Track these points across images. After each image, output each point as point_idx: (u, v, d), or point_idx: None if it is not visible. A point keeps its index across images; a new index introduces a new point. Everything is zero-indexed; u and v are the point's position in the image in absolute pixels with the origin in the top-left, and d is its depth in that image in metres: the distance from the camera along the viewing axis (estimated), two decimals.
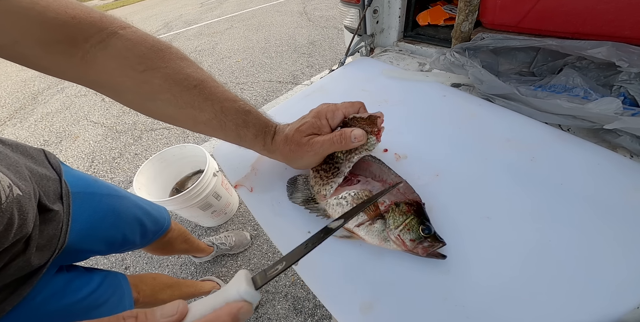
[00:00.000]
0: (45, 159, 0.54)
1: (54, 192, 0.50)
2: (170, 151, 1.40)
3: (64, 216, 0.50)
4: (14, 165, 0.44)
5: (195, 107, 0.36)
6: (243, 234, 1.40)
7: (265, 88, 2.58)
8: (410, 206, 0.38)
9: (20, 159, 0.48)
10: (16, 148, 0.50)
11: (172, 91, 0.35)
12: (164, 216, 0.82)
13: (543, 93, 0.52)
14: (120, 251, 0.67)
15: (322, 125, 0.40)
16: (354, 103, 0.41)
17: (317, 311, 1.13)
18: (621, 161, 0.43)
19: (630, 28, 0.50)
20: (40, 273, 0.45)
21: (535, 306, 0.32)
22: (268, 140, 0.41)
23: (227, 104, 0.38)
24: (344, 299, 0.36)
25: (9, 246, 0.38)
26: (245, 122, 0.39)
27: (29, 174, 0.46)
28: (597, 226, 0.37)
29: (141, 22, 5.98)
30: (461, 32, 0.68)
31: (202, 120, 0.38)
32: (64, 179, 0.53)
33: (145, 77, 0.34)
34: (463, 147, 0.49)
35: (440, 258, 0.35)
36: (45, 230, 0.45)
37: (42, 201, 0.45)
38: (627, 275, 0.32)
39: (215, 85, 0.38)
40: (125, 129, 2.42)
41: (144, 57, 0.34)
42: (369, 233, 0.38)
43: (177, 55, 0.37)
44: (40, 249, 0.44)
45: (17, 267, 0.41)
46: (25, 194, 0.41)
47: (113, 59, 0.33)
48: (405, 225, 0.36)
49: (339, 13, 0.95)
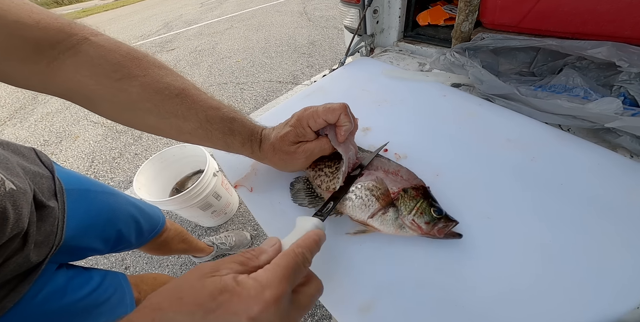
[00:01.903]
0: (37, 157, 0.54)
1: (48, 189, 0.49)
2: (170, 151, 1.40)
3: (60, 212, 0.49)
4: (4, 162, 0.43)
5: (178, 116, 0.35)
6: (243, 234, 1.40)
7: (265, 88, 2.58)
8: (417, 190, 0.39)
9: (12, 157, 0.47)
10: (7, 146, 0.49)
11: (152, 100, 0.34)
12: (158, 214, 0.82)
13: (543, 93, 0.52)
14: (117, 249, 0.67)
15: (305, 133, 0.40)
16: (335, 109, 0.39)
17: (317, 311, 1.13)
18: (621, 160, 0.43)
19: (630, 28, 0.50)
20: (39, 270, 0.45)
21: (535, 306, 0.32)
22: (255, 147, 0.41)
23: (212, 112, 0.37)
24: (344, 299, 0.36)
25: (7, 241, 0.38)
26: (232, 130, 0.38)
27: (21, 171, 0.45)
28: (597, 225, 0.37)
29: (141, 22, 5.99)
30: (461, 32, 0.68)
31: (187, 130, 0.37)
32: (57, 176, 0.53)
33: (122, 86, 0.33)
34: (463, 147, 0.49)
35: (457, 237, 0.36)
36: (42, 226, 0.45)
37: (38, 197, 0.45)
38: (627, 275, 0.33)
39: (198, 93, 0.37)
40: (125, 129, 2.42)
41: (119, 65, 0.33)
42: (384, 223, 0.38)
43: (154, 63, 0.36)
44: (38, 245, 0.44)
45: (17, 264, 0.41)
46: (19, 190, 0.40)
47: (84, 66, 0.32)
48: (417, 209, 0.37)
49: (339, 13, 0.95)
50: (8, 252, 0.40)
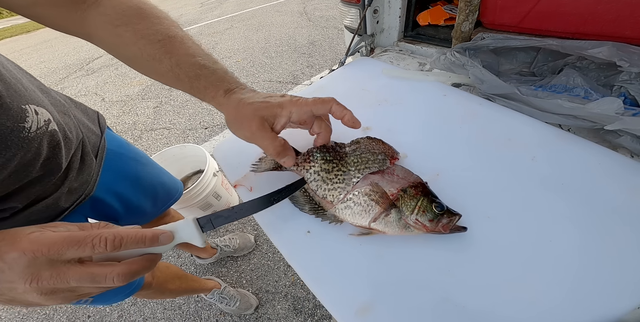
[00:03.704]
0: (97, 119, 0.63)
1: (94, 145, 0.57)
2: (170, 151, 1.40)
3: (96, 166, 0.56)
4: (65, 111, 0.51)
5: (155, 59, 0.40)
6: (247, 236, 1.39)
7: (266, 88, 2.58)
8: (416, 188, 0.39)
9: (76, 112, 0.56)
10: (78, 105, 0.60)
11: (138, 44, 0.39)
12: (176, 187, 0.85)
13: (544, 93, 0.52)
14: (132, 215, 0.71)
15: (281, 115, 0.39)
16: (326, 100, 0.39)
17: (317, 311, 1.13)
18: (622, 160, 0.43)
19: (630, 28, 0.50)
20: (62, 216, 0.50)
21: (535, 306, 0.32)
22: (220, 93, 0.41)
23: (185, 59, 0.40)
24: (344, 300, 0.36)
25: (41, 177, 0.43)
26: (198, 75, 0.40)
27: (77, 123, 0.53)
28: (597, 225, 0.37)
29: None
30: (461, 32, 0.68)
31: (160, 72, 0.41)
32: (105, 137, 0.62)
33: (118, 31, 0.39)
34: (464, 147, 0.49)
35: (462, 231, 0.36)
36: (81, 174, 0.52)
37: (85, 149, 0.53)
38: (627, 275, 0.32)
39: (182, 41, 0.41)
40: (125, 129, 2.42)
41: (122, 14, 0.40)
42: (388, 225, 0.38)
43: (155, 14, 0.42)
44: (70, 192, 0.50)
45: (46, 205, 0.46)
46: (62, 132, 0.46)
47: (99, 15, 0.40)
48: (419, 207, 0.37)
49: (339, 13, 0.95)
50: (42, 192, 0.44)
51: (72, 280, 0.27)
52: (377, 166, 0.42)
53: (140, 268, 0.30)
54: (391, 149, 0.44)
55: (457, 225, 0.36)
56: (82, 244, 0.28)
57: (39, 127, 0.41)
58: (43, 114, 0.42)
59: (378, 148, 0.44)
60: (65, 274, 0.27)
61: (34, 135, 0.40)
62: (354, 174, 0.42)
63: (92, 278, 0.28)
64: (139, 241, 0.30)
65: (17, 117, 0.38)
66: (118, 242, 0.29)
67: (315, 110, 0.39)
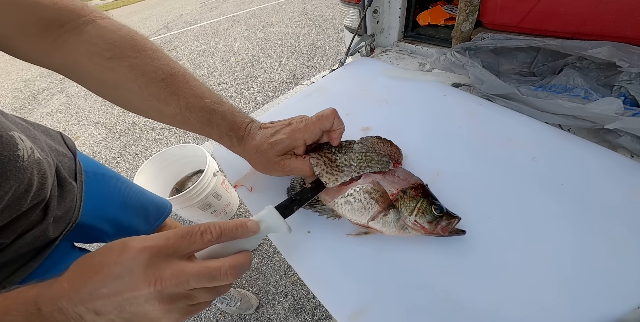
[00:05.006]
0: (62, 140, 0.57)
1: (69, 169, 0.52)
2: (170, 151, 1.40)
3: (78, 191, 0.52)
4: (33, 137, 0.46)
5: (160, 100, 0.36)
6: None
7: (265, 88, 2.58)
8: (416, 189, 0.39)
9: (40, 135, 0.50)
10: (37, 127, 0.53)
11: (137, 82, 0.35)
12: (165, 203, 0.84)
13: (543, 93, 0.52)
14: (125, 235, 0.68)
15: (297, 145, 0.40)
16: (328, 115, 0.39)
17: (317, 311, 1.13)
18: (622, 160, 0.43)
19: (630, 28, 0.50)
20: (52, 246, 0.46)
21: (535, 306, 0.32)
22: (234, 142, 0.40)
23: (193, 101, 0.37)
24: (344, 299, 0.36)
25: (29, 210, 0.39)
26: (210, 121, 0.38)
27: (47, 148, 0.48)
28: (597, 225, 0.37)
29: (141, 22, 5.98)
30: (461, 32, 0.68)
31: (167, 114, 0.38)
32: (78, 158, 0.56)
33: (111, 65, 0.34)
34: (463, 147, 0.49)
35: (460, 234, 0.36)
36: (63, 202, 0.47)
37: (61, 174, 0.47)
38: (627, 275, 0.32)
39: (185, 80, 0.38)
40: (125, 129, 2.42)
41: (113, 45, 0.35)
42: (386, 225, 0.38)
43: (150, 47, 0.37)
44: (57, 220, 0.46)
45: (34, 237, 0.42)
46: (45, 160, 0.42)
47: (83, 44, 0.34)
48: (418, 209, 0.37)
49: (339, 13, 0.95)
50: (28, 224, 0.41)
51: (192, 278, 0.25)
52: (379, 166, 0.42)
53: (244, 260, 0.29)
54: (398, 153, 0.44)
55: (456, 228, 0.36)
56: (192, 235, 0.27)
57: (29, 156, 0.38)
58: (26, 141, 0.39)
59: (385, 149, 0.44)
60: (184, 272, 0.25)
61: (27, 164, 0.37)
62: (354, 169, 0.42)
63: (209, 273, 0.26)
64: (234, 229, 0.30)
65: (10, 145, 0.35)
66: (219, 230, 0.28)
67: (322, 127, 0.40)
